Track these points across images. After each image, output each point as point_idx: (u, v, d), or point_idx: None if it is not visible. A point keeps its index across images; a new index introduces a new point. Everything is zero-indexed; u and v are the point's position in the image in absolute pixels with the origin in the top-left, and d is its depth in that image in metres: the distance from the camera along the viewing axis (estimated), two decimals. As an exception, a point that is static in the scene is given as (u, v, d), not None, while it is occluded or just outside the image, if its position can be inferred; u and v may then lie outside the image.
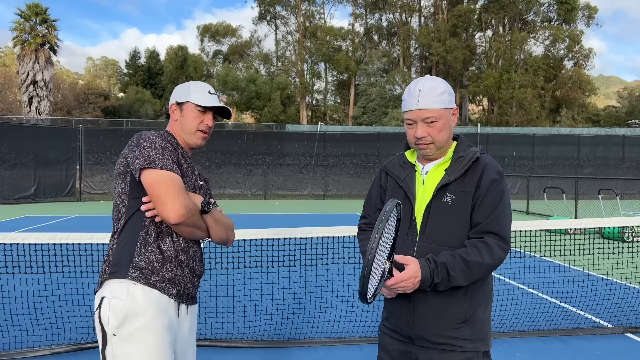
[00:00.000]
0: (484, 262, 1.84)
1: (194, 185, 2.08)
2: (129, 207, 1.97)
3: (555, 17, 43.34)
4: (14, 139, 19.55)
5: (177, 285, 1.97)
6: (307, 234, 4.34)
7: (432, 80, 1.96)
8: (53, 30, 30.84)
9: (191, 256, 2.03)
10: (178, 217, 1.84)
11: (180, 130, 2.13)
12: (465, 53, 40.99)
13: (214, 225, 2.02)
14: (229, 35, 48.52)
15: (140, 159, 1.89)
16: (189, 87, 2.16)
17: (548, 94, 41.75)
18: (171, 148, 1.98)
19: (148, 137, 1.96)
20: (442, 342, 1.89)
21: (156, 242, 1.93)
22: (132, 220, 1.96)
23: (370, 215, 2.18)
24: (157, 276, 1.91)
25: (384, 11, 46.74)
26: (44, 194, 20.23)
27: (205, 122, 2.13)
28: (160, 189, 1.85)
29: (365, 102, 40.23)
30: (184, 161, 2.06)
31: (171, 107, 2.17)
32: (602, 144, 25.65)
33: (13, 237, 4.03)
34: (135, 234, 1.94)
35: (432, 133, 1.93)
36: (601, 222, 5.23)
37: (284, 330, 4.72)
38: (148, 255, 1.91)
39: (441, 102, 1.92)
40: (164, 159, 1.90)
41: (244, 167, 23.65)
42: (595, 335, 4.77)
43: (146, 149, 1.91)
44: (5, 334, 4.34)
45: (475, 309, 1.92)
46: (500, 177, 1.92)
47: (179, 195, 1.85)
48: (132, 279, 1.87)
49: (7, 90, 41.41)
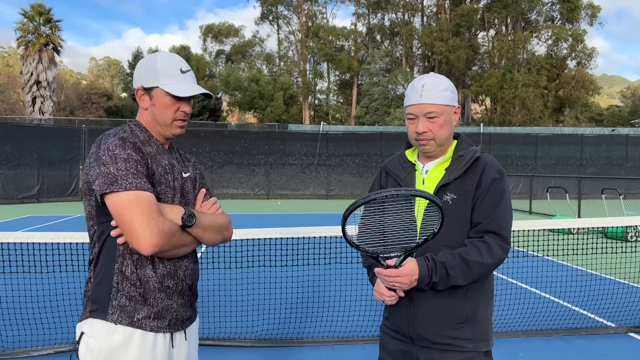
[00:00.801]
0: (483, 262, 1.82)
1: (173, 187, 1.77)
2: (100, 234, 1.71)
3: (558, 17, 43.23)
4: (17, 139, 19.61)
5: (167, 316, 1.74)
6: (309, 233, 4.34)
7: (436, 77, 1.96)
8: (56, 30, 30.89)
9: (180, 277, 1.77)
10: (152, 248, 1.57)
11: (152, 120, 1.79)
12: (467, 52, 40.91)
13: (202, 234, 1.76)
14: (231, 35, 48.53)
15: (100, 180, 1.60)
16: (154, 64, 1.76)
17: (551, 94, 41.64)
18: (136, 156, 1.64)
19: (107, 148, 1.62)
20: (443, 342, 1.89)
21: (135, 274, 1.67)
22: (105, 249, 1.70)
23: None
24: (141, 312, 1.68)
25: (387, 11, 46.67)
26: (47, 193, 20.29)
27: (181, 109, 1.79)
28: (127, 215, 1.56)
29: (368, 102, 40.20)
30: (159, 159, 1.75)
31: (137, 92, 1.79)
32: (606, 144, 25.58)
33: (17, 237, 4.05)
34: (110, 265, 1.68)
35: (434, 129, 1.92)
36: (604, 221, 5.21)
37: (286, 330, 4.73)
38: (128, 290, 1.66)
39: (444, 98, 1.91)
40: (128, 175, 1.59)
41: (246, 167, 23.68)
42: (598, 335, 4.76)
43: (106, 165, 1.60)
44: (9, 333, 4.36)
45: (476, 308, 1.91)
46: (500, 176, 1.91)
47: (151, 221, 1.56)
48: (112, 321, 1.65)
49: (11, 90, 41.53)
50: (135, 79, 1.81)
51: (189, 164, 1.94)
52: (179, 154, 1.94)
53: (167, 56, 1.80)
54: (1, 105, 38.70)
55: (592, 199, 15.15)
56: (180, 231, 1.67)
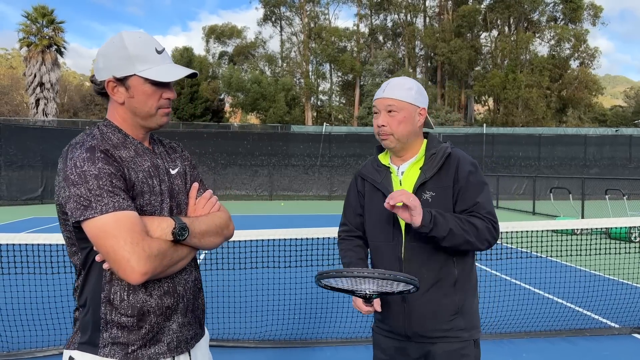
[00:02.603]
0: (475, 225, 1.86)
1: (160, 192, 1.54)
2: (84, 261, 1.50)
3: (560, 17, 43.17)
4: (21, 140, 19.69)
5: (165, 340, 1.53)
6: (312, 234, 4.35)
7: (404, 78, 2.04)
8: (59, 32, 31.00)
9: (180, 294, 1.56)
10: (141, 277, 1.36)
11: (130, 115, 1.53)
12: (470, 53, 40.88)
13: (200, 242, 1.55)
14: (234, 36, 48.61)
15: (72, 204, 1.38)
16: (124, 49, 1.48)
17: (554, 94, 41.59)
18: (109, 169, 1.41)
19: (74, 165, 1.39)
20: (439, 336, 1.94)
21: (125, 301, 1.46)
22: (91, 276, 1.50)
23: (350, 222, 2.17)
24: (136, 343, 1.48)
25: (389, 12, 46.70)
26: (51, 195, 20.33)
27: (164, 96, 1.54)
28: (108, 243, 1.35)
29: (371, 103, 40.17)
30: (139, 163, 1.52)
31: (108, 86, 1.51)
32: (609, 144, 25.53)
33: (22, 238, 4.07)
34: (97, 294, 1.48)
35: (392, 123, 1.96)
36: (608, 222, 5.20)
37: (290, 331, 4.73)
38: (118, 320, 1.46)
39: (406, 96, 1.97)
40: (103, 193, 1.37)
41: (249, 168, 23.70)
42: (602, 335, 4.75)
43: (76, 186, 1.37)
44: (14, 334, 4.38)
45: (465, 299, 1.98)
46: (475, 169, 1.97)
47: (135, 246, 1.35)
48: (104, 355, 1.47)
49: (14, 92, 41.70)
50: (100, 70, 1.51)
51: (175, 155, 1.69)
52: (163, 146, 1.69)
53: (136, 36, 1.52)
54: (5, 107, 38.84)
55: (595, 200, 15.11)
56: (172, 247, 1.46)
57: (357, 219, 2.14)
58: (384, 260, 2.00)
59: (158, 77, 1.49)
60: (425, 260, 1.94)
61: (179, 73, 1.53)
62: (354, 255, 2.11)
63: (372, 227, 2.07)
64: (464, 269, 1.98)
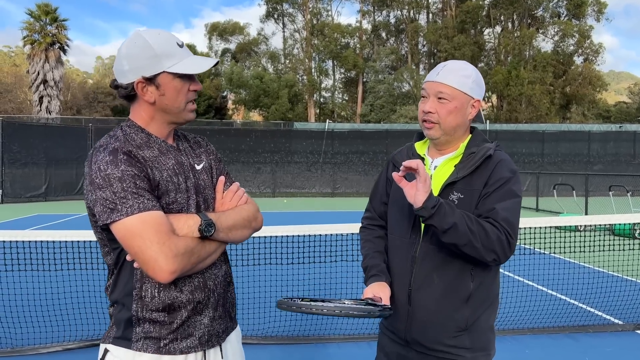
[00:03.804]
0: (487, 234, 1.64)
1: (186, 190, 1.56)
2: (116, 260, 1.54)
3: (564, 13, 42.96)
4: (25, 138, 19.74)
5: (196, 334, 1.57)
6: (315, 231, 4.36)
7: (464, 63, 1.84)
8: (63, 29, 31.04)
9: (210, 289, 1.59)
10: (169, 275, 1.40)
11: (160, 114, 1.55)
12: (473, 49, 40.73)
13: (228, 237, 1.58)
14: (236, 33, 48.57)
15: (99, 208, 1.42)
16: (150, 47, 1.49)
17: (557, 90, 41.40)
18: (132, 170, 1.43)
19: (99, 169, 1.43)
20: (440, 350, 1.79)
21: (157, 297, 1.50)
22: (122, 274, 1.54)
23: (375, 209, 2.05)
24: (168, 337, 1.52)
25: (392, 8, 46.55)
26: (54, 192, 20.41)
27: (192, 88, 1.57)
28: (135, 245, 1.39)
29: (373, 100, 40.13)
30: (163, 162, 1.53)
31: (138, 87, 1.51)
32: (613, 140, 25.41)
33: (25, 235, 4.09)
34: (129, 291, 1.52)
35: (441, 112, 1.77)
36: (612, 218, 5.19)
37: (293, 327, 4.74)
38: (150, 316, 1.51)
39: (462, 84, 1.77)
40: (127, 195, 1.40)
41: (252, 165, 23.72)
42: (605, 332, 4.74)
43: (101, 189, 1.41)
44: (18, 331, 4.40)
45: (477, 317, 1.79)
46: (512, 175, 1.75)
47: (162, 246, 1.38)
48: (137, 349, 1.52)
49: (18, 89, 41.80)
50: (126, 72, 1.51)
51: (200, 150, 1.71)
52: (188, 141, 1.71)
53: (155, 34, 1.52)
54: (8, 105, 38.95)
55: (599, 196, 15.06)
56: (200, 244, 1.48)
57: (382, 207, 2.00)
58: (397, 257, 1.88)
59: (187, 70, 1.50)
60: (438, 265, 1.77)
61: (205, 64, 1.54)
62: (372, 247, 1.98)
63: (392, 219, 1.94)
64: (482, 283, 1.78)
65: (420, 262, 1.81)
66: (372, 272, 1.90)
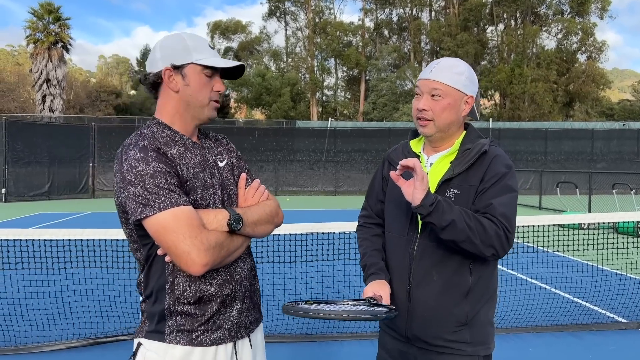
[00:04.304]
0: (485, 229, 1.65)
1: (212, 186, 1.62)
2: (147, 255, 1.58)
3: (567, 10, 42.81)
4: (28, 137, 19.79)
5: (226, 326, 1.62)
6: (318, 229, 4.36)
7: (456, 60, 1.87)
8: (65, 28, 31.10)
9: (237, 281, 1.65)
10: (202, 268, 1.44)
11: (183, 106, 1.60)
12: (476, 47, 40.65)
13: (253, 231, 1.63)
14: (239, 31, 48.58)
15: (131, 204, 1.47)
16: (184, 41, 1.59)
17: (561, 88, 41.30)
18: (163, 167, 1.48)
19: (130, 165, 1.47)
20: (441, 345, 1.81)
21: (188, 291, 1.55)
22: (154, 269, 1.59)
23: (371, 207, 2.06)
24: (199, 329, 1.58)
25: (394, 6, 46.48)
26: (57, 191, 20.46)
27: (216, 88, 1.63)
28: (168, 238, 1.43)
29: (376, 98, 40.11)
30: (190, 158, 1.59)
31: (165, 73, 1.58)
32: (617, 138, 25.33)
33: (29, 234, 4.10)
34: (161, 285, 1.57)
35: (435, 109, 1.80)
36: (615, 216, 5.17)
37: (296, 326, 4.74)
38: (182, 309, 1.56)
39: (455, 81, 1.80)
40: (159, 191, 1.45)
41: (255, 164, 23.73)
42: (609, 330, 4.73)
43: (133, 185, 1.46)
44: (22, 329, 4.41)
45: (477, 311, 1.81)
46: (508, 171, 1.77)
47: (194, 239, 1.43)
48: (170, 342, 1.56)
49: (21, 88, 41.90)
50: (157, 60, 1.59)
51: (222, 148, 1.76)
52: (210, 139, 1.76)
53: (192, 35, 1.64)
54: (12, 104, 39.05)
55: (602, 194, 15.01)
56: (228, 237, 1.53)
57: (379, 205, 2.02)
58: (395, 255, 1.89)
59: (214, 63, 1.58)
60: (437, 261, 1.79)
61: (231, 62, 1.63)
62: (370, 245, 1.99)
63: (389, 216, 1.94)
64: (481, 277, 1.81)
65: (419, 259, 1.82)
66: (371, 271, 1.90)
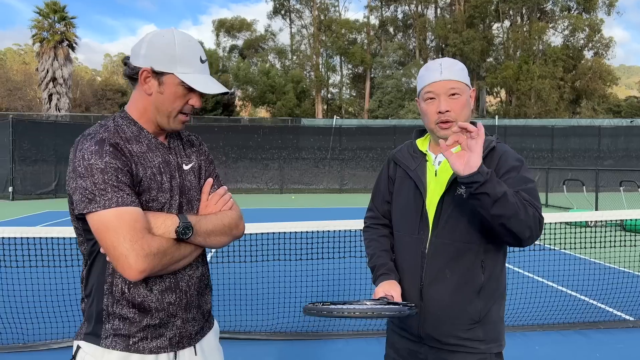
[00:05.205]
0: (526, 208, 1.63)
1: (169, 189, 1.53)
2: (90, 251, 1.51)
3: (574, 6, 42.53)
4: (34, 135, 19.90)
5: (168, 335, 1.54)
6: (323, 227, 4.35)
7: (451, 59, 1.89)
8: (71, 27, 31.19)
9: (183, 290, 1.55)
10: (138, 274, 1.36)
11: (152, 109, 1.52)
12: (482, 44, 40.46)
13: (205, 241, 1.54)
14: (244, 29, 48.58)
15: (77, 197, 1.40)
16: (172, 47, 1.49)
17: (567, 85, 41.05)
18: (116, 163, 1.40)
19: (83, 158, 1.40)
20: (454, 343, 1.79)
21: (127, 294, 1.47)
22: (95, 267, 1.51)
23: (378, 208, 2.03)
24: (137, 335, 1.49)
25: (400, 3, 46.32)
26: (64, 189, 20.48)
27: (191, 102, 1.54)
28: (108, 238, 1.36)
29: (381, 95, 40.02)
30: (150, 158, 1.51)
31: (142, 74, 1.49)
32: (624, 135, 25.17)
33: (36, 232, 4.12)
34: (100, 285, 1.50)
35: (456, 108, 1.77)
36: (622, 214, 5.14)
37: (301, 323, 4.74)
38: (120, 312, 1.48)
39: (463, 76, 1.81)
40: (107, 188, 1.38)
41: (260, 162, 23.77)
42: (616, 328, 4.70)
43: (82, 178, 1.38)
44: (29, 326, 4.44)
45: (489, 308, 1.80)
46: (520, 164, 1.77)
47: (135, 243, 1.35)
48: (106, 346, 1.49)
49: (27, 87, 42.12)
50: (140, 56, 1.50)
51: (192, 150, 1.68)
52: (181, 139, 1.68)
53: (186, 38, 1.53)
54: (18, 102, 39.27)
55: (609, 192, 14.94)
56: (175, 245, 1.45)
57: (385, 206, 1.99)
58: (406, 254, 1.87)
59: (195, 85, 1.49)
60: (450, 259, 1.77)
61: (215, 88, 1.53)
62: (378, 246, 1.96)
63: (399, 216, 1.92)
64: (492, 274, 1.80)
65: (431, 257, 1.80)
66: (381, 271, 1.89)
